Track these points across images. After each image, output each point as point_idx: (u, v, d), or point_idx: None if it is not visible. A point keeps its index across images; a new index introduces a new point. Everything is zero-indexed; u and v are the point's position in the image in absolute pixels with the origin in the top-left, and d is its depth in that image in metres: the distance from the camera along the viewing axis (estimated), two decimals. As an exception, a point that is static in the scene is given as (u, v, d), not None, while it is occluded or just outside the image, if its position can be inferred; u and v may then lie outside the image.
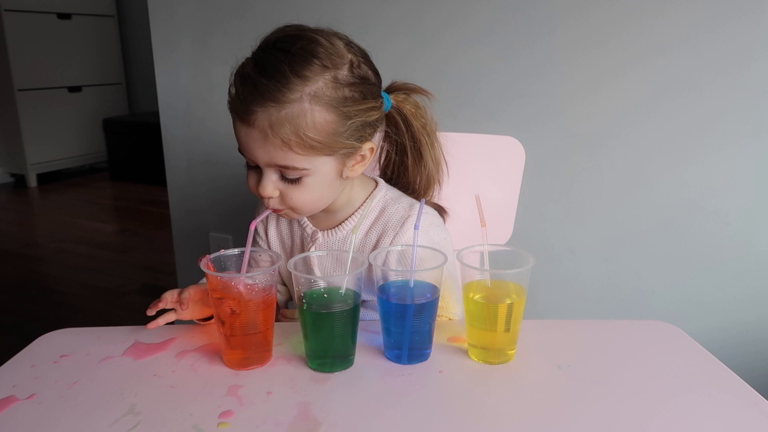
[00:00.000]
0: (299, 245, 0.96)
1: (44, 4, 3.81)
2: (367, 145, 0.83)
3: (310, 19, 1.48)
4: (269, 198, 0.81)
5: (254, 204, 1.69)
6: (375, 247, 0.90)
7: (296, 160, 0.77)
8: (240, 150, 0.82)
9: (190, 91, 1.72)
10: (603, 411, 0.63)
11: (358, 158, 0.84)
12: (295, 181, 0.80)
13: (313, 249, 0.91)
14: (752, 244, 1.30)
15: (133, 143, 4.05)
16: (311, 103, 0.75)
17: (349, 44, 0.81)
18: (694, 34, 1.22)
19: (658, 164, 1.32)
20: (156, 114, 1.78)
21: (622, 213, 1.37)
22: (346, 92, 0.77)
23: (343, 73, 0.78)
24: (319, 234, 0.92)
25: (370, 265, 0.72)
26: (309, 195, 0.81)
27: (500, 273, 0.73)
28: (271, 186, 0.80)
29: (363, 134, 0.81)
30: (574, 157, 1.37)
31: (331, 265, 0.90)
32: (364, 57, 0.83)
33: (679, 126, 1.28)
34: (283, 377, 0.69)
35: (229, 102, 0.80)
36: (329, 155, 0.79)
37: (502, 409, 0.63)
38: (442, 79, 0.87)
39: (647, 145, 1.31)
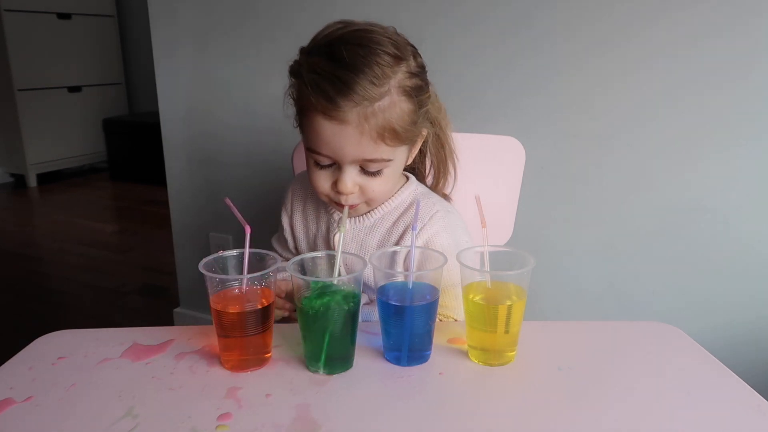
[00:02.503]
0: (324, 232, 0.96)
1: (44, 4, 3.81)
2: (423, 133, 0.87)
3: (309, 18, 1.48)
4: (349, 194, 0.82)
5: (253, 204, 1.69)
6: (401, 237, 0.91)
7: (385, 152, 0.79)
8: (312, 149, 0.81)
9: (190, 91, 1.72)
10: (603, 412, 0.62)
11: (417, 146, 0.89)
12: (375, 173, 0.82)
13: (337, 235, 0.92)
14: (752, 245, 1.30)
15: (133, 143, 4.05)
16: (398, 94, 0.78)
17: (402, 35, 0.84)
18: (694, 37, 1.22)
19: (658, 165, 1.31)
20: (156, 114, 1.77)
21: (623, 214, 1.37)
22: (417, 81, 0.80)
23: (411, 63, 0.80)
24: (346, 220, 0.92)
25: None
26: (386, 185, 0.85)
27: (500, 274, 0.72)
28: (351, 182, 0.81)
29: (424, 122, 0.85)
30: (574, 158, 1.37)
31: (355, 251, 0.92)
32: (414, 46, 0.84)
33: (680, 127, 1.28)
34: (282, 379, 0.69)
35: (304, 102, 0.79)
36: (407, 144, 0.83)
37: (503, 411, 0.63)
38: (442, 80, 0.87)
39: (647, 146, 1.31)
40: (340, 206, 0.85)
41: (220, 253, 0.73)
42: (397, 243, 0.91)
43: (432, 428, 0.60)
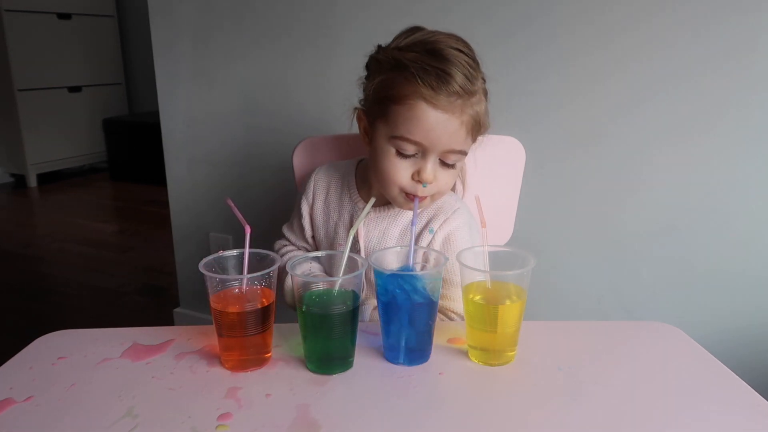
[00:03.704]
0: (347, 220, 0.98)
1: (44, 4, 3.81)
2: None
3: (311, 18, 1.48)
4: (430, 183, 0.85)
5: (253, 204, 1.69)
6: (424, 228, 0.94)
7: (467, 144, 0.87)
8: (404, 136, 0.83)
9: (190, 91, 1.72)
10: (603, 412, 0.62)
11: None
12: (449, 166, 0.87)
13: (361, 223, 0.94)
14: (752, 245, 1.30)
15: (133, 143, 4.05)
16: (481, 93, 0.86)
17: None
18: (694, 37, 1.22)
19: (658, 164, 1.31)
20: (156, 114, 1.77)
21: (623, 214, 1.37)
22: (484, 85, 0.88)
23: (480, 69, 0.87)
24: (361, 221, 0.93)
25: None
26: (453, 178, 0.90)
27: (500, 274, 0.73)
28: (433, 171, 0.85)
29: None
30: (574, 158, 1.37)
31: (377, 239, 0.95)
32: None
33: (680, 127, 1.28)
34: (282, 379, 0.69)
35: (401, 91, 0.82)
36: (475, 140, 0.89)
37: (502, 410, 0.63)
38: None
39: (648, 146, 1.31)
40: (410, 201, 0.87)
41: (220, 253, 0.73)
42: (419, 234, 0.94)
43: (432, 428, 0.60)
